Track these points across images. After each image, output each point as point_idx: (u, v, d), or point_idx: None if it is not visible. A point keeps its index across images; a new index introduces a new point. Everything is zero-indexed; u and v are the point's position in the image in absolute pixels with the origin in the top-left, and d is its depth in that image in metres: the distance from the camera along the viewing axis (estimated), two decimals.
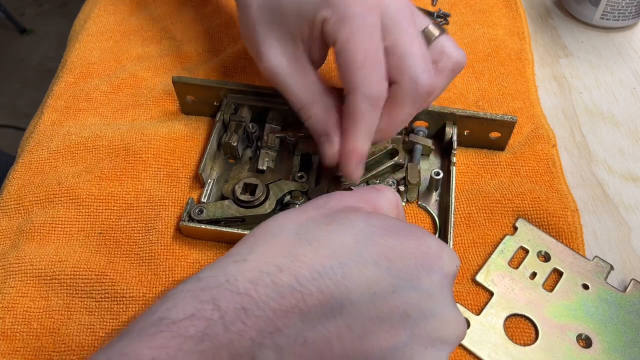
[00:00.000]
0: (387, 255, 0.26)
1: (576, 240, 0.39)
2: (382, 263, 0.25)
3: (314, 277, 0.24)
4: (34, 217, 0.41)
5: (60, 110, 0.48)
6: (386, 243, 0.26)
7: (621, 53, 0.55)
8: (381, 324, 0.24)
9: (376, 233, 0.26)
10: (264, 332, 0.22)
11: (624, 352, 0.34)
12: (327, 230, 0.26)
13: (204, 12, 0.57)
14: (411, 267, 0.26)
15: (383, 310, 0.24)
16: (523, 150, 0.44)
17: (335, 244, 0.25)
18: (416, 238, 0.27)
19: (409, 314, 0.25)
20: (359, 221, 0.27)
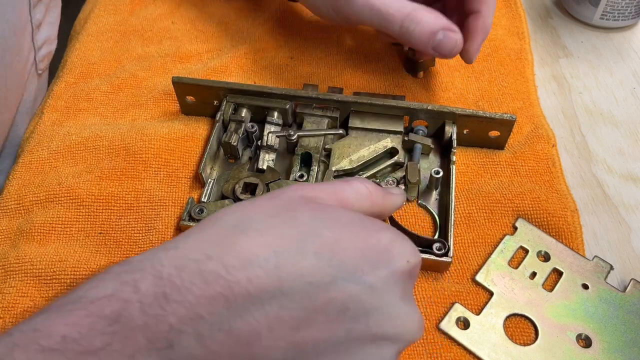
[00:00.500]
0: (331, 246, 0.24)
1: (576, 240, 0.39)
2: (324, 254, 0.24)
3: (243, 266, 0.23)
4: (34, 217, 0.41)
5: (60, 110, 0.48)
6: (332, 235, 0.25)
7: (621, 53, 0.55)
8: (316, 316, 0.23)
9: (323, 225, 0.25)
10: (185, 318, 0.22)
11: (623, 352, 0.34)
12: (268, 221, 0.25)
13: (204, 12, 0.57)
14: (355, 259, 0.24)
15: (318, 302, 0.23)
16: (523, 150, 0.44)
17: (273, 235, 0.24)
18: (367, 231, 0.26)
19: (348, 307, 0.24)
20: (306, 213, 0.26)
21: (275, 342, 0.23)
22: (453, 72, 0.51)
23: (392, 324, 0.24)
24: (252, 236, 0.24)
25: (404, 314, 0.25)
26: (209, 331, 0.22)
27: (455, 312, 0.36)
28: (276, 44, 0.53)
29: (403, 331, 0.25)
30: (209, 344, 0.22)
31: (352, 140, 0.43)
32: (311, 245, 0.24)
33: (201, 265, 0.23)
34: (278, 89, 0.44)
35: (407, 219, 0.41)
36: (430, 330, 0.35)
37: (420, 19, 0.39)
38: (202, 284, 0.22)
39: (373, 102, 0.43)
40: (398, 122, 0.43)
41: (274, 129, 0.44)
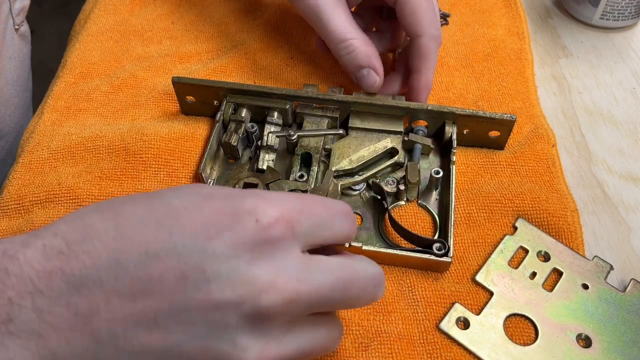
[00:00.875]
0: (177, 215, 0.24)
1: (576, 240, 0.39)
2: (166, 221, 0.24)
3: (83, 240, 0.23)
4: (34, 217, 0.41)
5: (60, 110, 0.48)
6: (180, 203, 0.25)
7: (621, 53, 0.55)
8: (152, 286, 0.23)
9: (175, 195, 0.25)
10: (24, 292, 0.22)
11: (623, 352, 0.34)
12: (128, 201, 0.25)
13: (204, 12, 0.57)
14: (200, 226, 0.24)
15: (155, 272, 0.23)
16: (523, 150, 0.44)
17: (122, 211, 0.25)
18: (225, 199, 0.25)
19: (187, 276, 0.23)
20: (170, 191, 0.26)
21: (114, 315, 0.23)
22: (453, 72, 0.51)
23: (234, 289, 0.23)
24: (103, 212, 0.25)
25: (249, 278, 0.24)
26: (48, 305, 0.23)
27: (455, 312, 0.36)
28: (276, 44, 0.53)
29: (247, 295, 0.23)
30: (49, 318, 0.23)
31: (352, 140, 0.43)
32: (155, 214, 0.24)
33: (46, 242, 0.24)
34: (278, 89, 0.44)
35: (407, 219, 0.41)
36: (430, 330, 0.35)
37: (352, 50, 0.42)
38: (42, 260, 0.23)
39: (373, 102, 0.43)
40: (398, 122, 0.43)
41: (274, 129, 0.44)
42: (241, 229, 0.24)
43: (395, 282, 0.38)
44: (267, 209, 0.25)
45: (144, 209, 0.25)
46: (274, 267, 0.24)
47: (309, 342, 0.26)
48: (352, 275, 0.27)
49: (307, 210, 0.26)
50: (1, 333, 0.22)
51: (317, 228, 0.26)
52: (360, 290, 0.27)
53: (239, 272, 0.23)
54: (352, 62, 0.43)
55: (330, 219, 0.27)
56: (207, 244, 0.24)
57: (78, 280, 0.23)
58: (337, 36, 0.42)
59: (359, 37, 0.42)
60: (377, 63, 0.43)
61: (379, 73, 0.43)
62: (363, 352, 0.35)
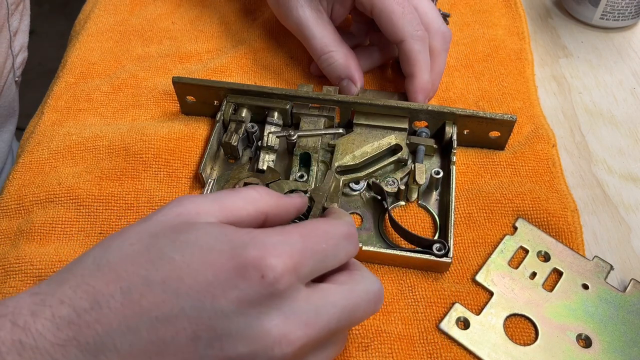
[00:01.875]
0: (180, 273, 0.24)
1: (576, 240, 0.39)
2: (171, 284, 0.24)
3: (92, 307, 0.24)
4: (34, 217, 0.41)
5: (60, 110, 0.48)
6: (183, 259, 0.25)
7: (621, 53, 0.55)
8: (166, 348, 0.24)
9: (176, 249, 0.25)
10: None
11: (623, 352, 0.34)
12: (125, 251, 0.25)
13: (204, 12, 0.57)
14: (205, 284, 0.24)
15: (167, 334, 0.24)
16: (523, 150, 0.44)
17: (123, 268, 0.25)
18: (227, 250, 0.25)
19: (199, 336, 0.24)
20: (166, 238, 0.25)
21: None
22: (453, 72, 0.51)
23: (246, 345, 0.24)
24: (104, 272, 0.25)
25: (260, 332, 0.24)
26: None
27: (455, 312, 0.36)
28: (276, 44, 0.53)
29: (260, 349, 0.24)
30: None
31: (356, 136, 0.43)
32: (159, 275, 0.24)
33: (54, 311, 0.24)
34: (278, 89, 0.44)
35: (408, 220, 0.41)
36: (430, 330, 0.35)
37: (332, 62, 0.45)
38: (55, 331, 0.23)
39: (373, 102, 0.43)
40: (403, 120, 0.43)
41: (274, 129, 0.44)
42: (247, 286, 0.24)
43: (395, 282, 0.38)
44: (272, 262, 0.25)
45: (147, 268, 0.25)
46: (283, 317, 0.25)
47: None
48: (357, 302, 0.27)
49: (311, 250, 0.26)
50: None
51: (322, 262, 0.27)
52: (363, 313, 0.28)
53: (249, 328, 0.24)
54: (332, 74, 0.46)
55: (335, 249, 0.27)
56: (215, 303, 0.24)
57: (93, 348, 0.23)
58: (318, 50, 0.46)
59: (338, 50, 0.45)
60: (355, 74, 0.45)
61: (356, 83, 0.46)
62: (363, 352, 0.35)
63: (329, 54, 0.45)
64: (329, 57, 0.45)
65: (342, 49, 0.46)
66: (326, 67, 0.46)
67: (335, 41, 0.46)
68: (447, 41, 0.46)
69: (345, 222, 0.29)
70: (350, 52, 0.46)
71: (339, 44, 0.46)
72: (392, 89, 0.49)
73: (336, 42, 0.46)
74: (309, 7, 0.46)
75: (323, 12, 0.46)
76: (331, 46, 0.45)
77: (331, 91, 0.45)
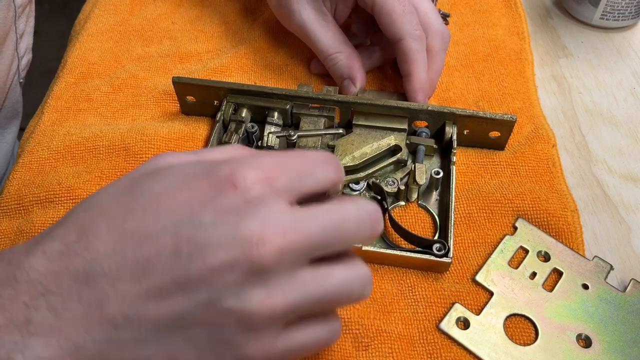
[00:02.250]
0: (159, 198, 0.26)
1: (576, 240, 0.39)
2: (152, 206, 0.26)
3: (80, 238, 0.25)
4: (34, 217, 0.41)
5: (60, 110, 0.48)
6: (160, 186, 0.26)
7: (621, 53, 0.55)
8: (151, 265, 0.25)
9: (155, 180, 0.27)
10: (36, 295, 0.24)
11: (623, 352, 0.34)
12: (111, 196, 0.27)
13: (204, 12, 0.57)
14: (183, 205, 0.26)
15: (151, 252, 0.25)
16: (523, 150, 0.44)
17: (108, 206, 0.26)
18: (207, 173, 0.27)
19: (181, 249, 0.25)
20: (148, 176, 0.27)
21: (124, 299, 0.25)
22: (453, 72, 0.51)
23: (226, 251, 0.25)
24: (91, 211, 0.26)
25: (238, 237, 0.25)
26: (61, 303, 0.24)
27: (455, 312, 0.36)
28: (276, 44, 0.53)
29: (240, 254, 0.25)
30: (64, 314, 0.24)
31: (355, 137, 0.43)
32: (140, 203, 0.26)
33: (46, 247, 0.25)
34: (278, 89, 0.44)
35: (408, 220, 0.41)
36: (430, 330, 0.35)
37: (336, 62, 0.46)
38: (46, 262, 0.25)
39: (373, 102, 0.43)
40: (402, 120, 0.43)
41: (274, 129, 0.44)
42: (223, 197, 0.25)
43: (395, 282, 0.38)
44: (244, 172, 0.26)
45: (128, 200, 0.26)
46: (259, 223, 0.25)
47: (317, 287, 0.27)
48: (343, 215, 0.27)
49: (283, 166, 0.27)
50: (23, 335, 0.24)
51: (299, 180, 0.27)
52: (355, 227, 0.27)
53: (228, 235, 0.25)
54: (336, 73, 0.47)
55: (311, 168, 0.28)
56: (194, 217, 0.25)
57: (83, 275, 0.25)
58: (324, 52, 0.47)
59: (343, 51, 0.46)
60: (356, 74, 0.46)
61: (355, 84, 0.46)
62: (363, 351, 0.35)
63: (334, 55, 0.46)
64: (334, 58, 0.46)
65: (347, 49, 0.46)
66: (331, 67, 0.47)
67: (339, 42, 0.46)
68: (446, 41, 0.46)
69: (324, 152, 0.30)
70: (355, 52, 0.47)
71: (343, 44, 0.47)
72: (392, 89, 0.49)
73: (341, 43, 0.46)
74: (312, 9, 0.46)
75: (327, 13, 0.47)
76: (336, 47, 0.46)
77: (331, 91, 0.45)
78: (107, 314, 0.25)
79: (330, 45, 0.46)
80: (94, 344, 0.25)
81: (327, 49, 0.46)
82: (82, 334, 0.24)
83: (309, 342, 0.28)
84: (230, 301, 0.25)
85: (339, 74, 0.47)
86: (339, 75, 0.47)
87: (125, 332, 0.25)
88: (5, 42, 0.51)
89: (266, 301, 0.25)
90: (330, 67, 0.47)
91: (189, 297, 0.25)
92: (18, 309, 0.24)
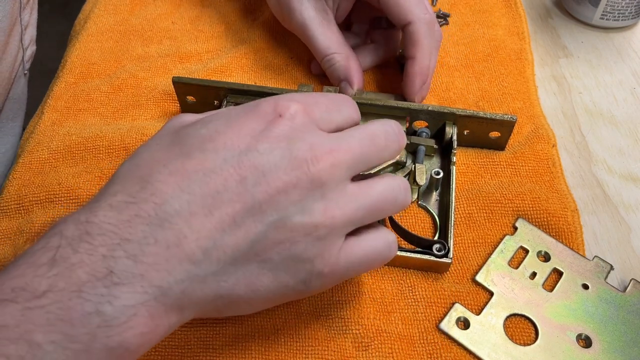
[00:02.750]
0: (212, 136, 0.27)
1: (576, 240, 0.39)
2: (207, 146, 0.27)
3: (143, 187, 0.26)
4: (34, 217, 0.41)
5: (60, 110, 0.48)
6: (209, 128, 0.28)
7: (621, 53, 0.55)
8: (220, 196, 0.26)
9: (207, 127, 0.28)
10: (113, 245, 0.25)
11: (624, 352, 0.34)
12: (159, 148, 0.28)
13: (204, 12, 0.57)
14: (236, 137, 0.27)
15: (217, 183, 0.26)
16: (523, 150, 0.44)
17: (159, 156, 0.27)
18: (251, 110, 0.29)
19: (245, 176, 0.27)
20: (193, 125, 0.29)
21: (200, 234, 0.26)
22: (453, 72, 0.51)
23: (287, 172, 0.27)
24: (142, 166, 0.27)
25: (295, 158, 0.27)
26: (139, 249, 0.25)
27: (455, 312, 0.36)
28: (276, 44, 0.53)
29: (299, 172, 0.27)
30: (144, 259, 0.25)
31: None
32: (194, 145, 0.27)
33: (110, 202, 0.26)
34: (278, 89, 0.44)
35: (408, 220, 0.41)
36: (430, 330, 0.35)
37: (333, 64, 0.46)
38: (116, 214, 0.25)
39: (373, 102, 0.43)
40: (401, 122, 0.43)
41: None
42: (272, 126, 0.28)
43: (395, 282, 0.38)
44: (285, 103, 0.29)
45: (180, 147, 0.28)
46: (309, 144, 0.28)
47: (365, 197, 0.29)
48: (373, 131, 0.30)
49: (314, 101, 0.30)
50: (107, 287, 0.24)
51: (328, 113, 0.30)
52: (385, 140, 0.30)
53: (285, 158, 0.27)
54: (333, 75, 0.47)
55: (336, 105, 0.31)
56: (251, 147, 0.27)
57: (156, 219, 0.25)
58: (321, 52, 0.46)
59: (341, 52, 0.46)
60: (354, 76, 0.46)
61: (352, 86, 0.46)
62: (363, 351, 0.35)
63: (331, 56, 0.46)
64: (331, 59, 0.46)
65: (345, 50, 0.46)
66: (328, 69, 0.47)
67: (337, 43, 0.46)
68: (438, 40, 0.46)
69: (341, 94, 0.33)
70: (352, 54, 0.47)
71: (341, 45, 0.46)
72: (390, 91, 0.49)
73: (339, 44, 0.46)
74: (313, 8, 0.46)
75: (329, 12, 0.47)
76: (334, 48, 0.46)
77: (331, 91, 0.45)
78: (185, 251, 0.25)
79: (329, 45, 0.46)
80: (177, 283, 0.25)
81: (325, 50, 0.46)
82: (165, 275, 0.25)
83: (368, 253, 0.30)
84: (297, 217, 0.27)
85: (336, 76, 0.46)
86: (336, 77, 0.46)
87: (205, 266, 0.26)
88: (11, 33, 0.51)
89: (327, 212, 0.27)
90: (328, 69, 0.47)
91: (260, 220, 0.26)
92: (98, 262, 0.24)
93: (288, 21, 0.47)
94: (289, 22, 0.47)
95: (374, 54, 0.50)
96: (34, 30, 0.57)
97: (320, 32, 0.46)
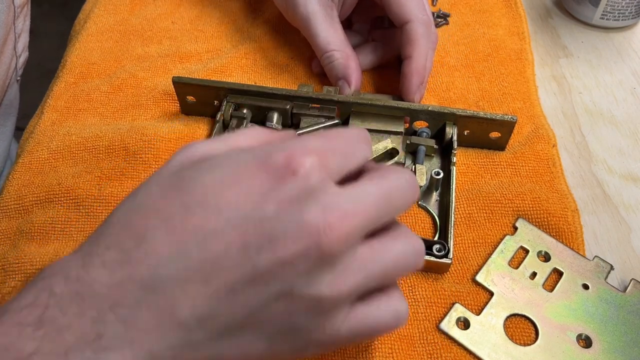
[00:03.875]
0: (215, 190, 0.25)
1: (576, 240, 0.39)
2: (209, 201, 0.25)
3: (138, 245, 0.24)
4: (34, 217, 0.40)
5: (60, 110, 0.48)
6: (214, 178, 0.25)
7: (621, 53, 0.55)
8: (219, 263, 0.24)
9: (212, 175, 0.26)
10: (103, 309, 0.23)
11: (624, 352, 0.34)
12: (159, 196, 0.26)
13: (204, 12, 0.57)
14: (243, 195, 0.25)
15: (218, 249, 0.24)
16: (523, 150, 0.44)
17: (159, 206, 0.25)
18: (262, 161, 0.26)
19: (249, 243, 0.24)
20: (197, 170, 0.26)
21: (195, 301, 0.24)
22: (453, 72, 0.51)
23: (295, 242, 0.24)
24: (139, 214, 0.25)
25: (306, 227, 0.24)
26: (130, 313, 0.23)
27: (455, 312, 0.36)
28: (276, 44, 0.53)
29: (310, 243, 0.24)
30: (135, 324, 0.23)
31: None
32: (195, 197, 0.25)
33: (103, 258, 0.24)
34: (278, 89, 0.44)
35: (408, 220, 0.41)
36: (431, 331, 0.35)
37: (332, 61, 0.46)
38: (107, 274, 0.24)
39: (374, 102, 0.43)
40: (398, 123, 0.43)
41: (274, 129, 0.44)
42: (283, 186, 0.25)
43: None
44: (300, 159, 0.25)
45: (179, 196, 0.25)
46: (322, 207, 0.25)
47: (375, 264, 0.27)
48: (389, 186, 0.27)
49: (331, 148, 0.27)
50: (96, 351, 0.23)
51: (345, 159, 0.27)
52: (401, 197, 0.28)
53: (294, 225, 0.24)
54: (331, 73, 0.46)
55: (352, 147, 0.28)
56: (257, 209, 0.24)
57: (150, 282, 0.24)
58: (321, 48, 0.46)
59: (340, 50, 0.45)
60: (352, 76, 0.46)
61: (350, 85, 0.46)
62: (363, 352, 0.35)
63: (331, 53, 0.46)
64: (331, 56, 0.46)
65: (345, 49, 0.46)
66: (327, 65, 0.46)
67: (339, 40, 0.46)
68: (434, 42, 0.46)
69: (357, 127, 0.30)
70: (353, 53, 0.46)
71: (343, 43, 0.46)
72: (389, 91, 0.49)
73: (340, 42, 0.46)
74: (318, 2, 0.45)
75: (333, 8, 0.46)
76: (334, 45, 0.46)
77: (331, 91, 0.45)
78: (178, 318, 0.24)
79: (330, 42, 0.46)
80: (167, 349, 0.24)
81: (325, 45, 0.46)
82: (155, 341, 0.24)
83: (372, 326, 0.28)
84: (302, 289, 0.25)
85: (334, 74, 0.46)
86: (334, 75, 0.46)
87: (198, 333, 0.24)
88: (5, 42, 0.51)
89: (334, 284, 0.25)
90: (327, 65, 0.46)
91: (261, 291, 0.24)
92: (87, 325, 0.23)
93: (292, 14, 0.47)
94: (292, 15, 0.47)
95: (374, 52, 0.50)
96: (26, 37, 0.57)
97: (322, 27, 0.46)
